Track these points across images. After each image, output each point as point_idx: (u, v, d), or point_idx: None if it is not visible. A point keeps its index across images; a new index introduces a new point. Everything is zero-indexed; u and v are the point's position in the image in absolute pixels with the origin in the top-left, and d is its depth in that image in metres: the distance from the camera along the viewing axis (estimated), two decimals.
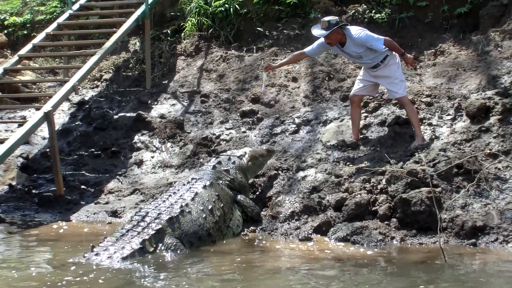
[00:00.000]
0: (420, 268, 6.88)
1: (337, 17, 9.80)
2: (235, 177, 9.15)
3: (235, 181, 9.12)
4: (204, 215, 8.00)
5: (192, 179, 8.79)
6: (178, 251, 7.43)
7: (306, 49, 10.24)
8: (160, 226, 7.52)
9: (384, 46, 9.54)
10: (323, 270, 6.93)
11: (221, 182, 8.89)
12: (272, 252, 7.82)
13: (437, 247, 7.43)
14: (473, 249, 7.49)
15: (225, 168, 9.20)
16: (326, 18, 9.60)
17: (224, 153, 9.99)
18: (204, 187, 8.44)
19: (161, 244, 7.41)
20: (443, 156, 8.84)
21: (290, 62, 11.09)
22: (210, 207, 8.15)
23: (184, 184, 8.65)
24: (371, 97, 10.80)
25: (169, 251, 7.39)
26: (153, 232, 7.42)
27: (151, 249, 7.28)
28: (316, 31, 9.68)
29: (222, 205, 8.41)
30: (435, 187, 8.23)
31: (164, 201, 8.13)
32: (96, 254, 7.01)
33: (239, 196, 8.97)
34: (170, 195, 8.30)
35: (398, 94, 9.77)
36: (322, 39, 9.73)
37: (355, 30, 9.65)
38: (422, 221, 8.00)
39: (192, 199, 8.13)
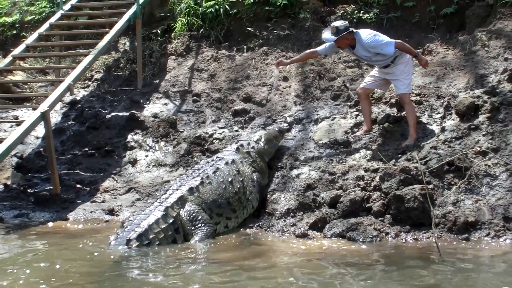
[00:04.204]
0: (416, 262, 7.04)
1: (346, 22, 9.89)
2: (255, 160, 9.84)
3: (256, 162, 9.79)
4: (224, 186, 8.87)
5: (217, 157, 9.59)
6: (199, 217, 8.30)
7: (318, 48, 10.42)
8: (181, 194, 8.40)
9: (395, 49, 9.62)
10: (321, 265, 7.03)
11: (244, 161, 9.61)
12: (268, 248, 7.92)
13: (430, 242, 7.65)
14: (466, 244, 7.68)
15: (247, 151, 9.89)
16: (335, 24, 9.78)
17: (242, 140, 10.56)
18: (226, 163, 9.28)
19: (183, 209, 8.31)
20: (434, 154, 9.04)
21: (302, 59, 11.13)
22: (230, 179, 9.00)
23: (208, 162, 9.44)
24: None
25: (190, 217, 8.27)
26: (174, 199, 8.30)
27: (174, 214, 8.14)
28: (326, 35, 9.86)
29: (241, 179, 9.22)
30: (427, 184, 8.43)
31: (188, 176, 9.04)
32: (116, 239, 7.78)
33: (254, 175, 9.53)
34: (194, 171, 9.21)
35: (400, 90, 9.93)
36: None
37: (365, 35, 9.73)
38: (415, 217, 8.19)
39: (214, 172, 8.98)
